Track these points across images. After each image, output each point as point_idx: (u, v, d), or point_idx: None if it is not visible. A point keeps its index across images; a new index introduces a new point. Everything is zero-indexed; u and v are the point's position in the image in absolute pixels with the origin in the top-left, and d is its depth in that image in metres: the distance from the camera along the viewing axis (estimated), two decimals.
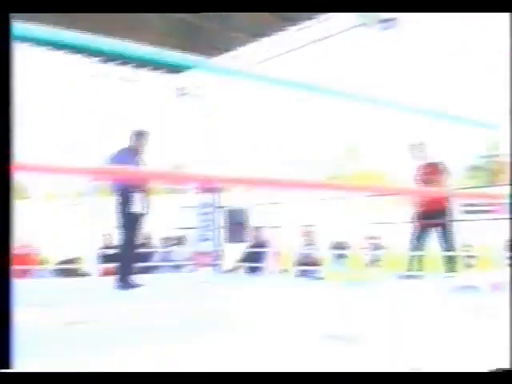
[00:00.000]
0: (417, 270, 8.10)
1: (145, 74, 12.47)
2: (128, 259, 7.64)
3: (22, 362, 1.55)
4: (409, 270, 8.24)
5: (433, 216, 8.16)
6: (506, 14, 2.46)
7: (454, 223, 8.33)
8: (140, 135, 7.81)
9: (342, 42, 10.95)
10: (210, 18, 9.71)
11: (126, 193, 7.46)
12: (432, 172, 8.23)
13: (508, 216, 3.04)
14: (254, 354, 3.36)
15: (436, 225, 8.26)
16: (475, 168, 66.05)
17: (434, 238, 8.32)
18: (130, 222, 7.52)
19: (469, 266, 12.63)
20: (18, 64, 1.53)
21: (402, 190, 5.43)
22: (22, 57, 9.98)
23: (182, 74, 12.86)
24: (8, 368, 1.44)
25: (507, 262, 12.40)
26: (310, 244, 10.62)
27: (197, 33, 10.10)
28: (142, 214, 7.60)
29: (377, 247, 21.63)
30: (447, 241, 8.28)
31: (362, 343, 3.57)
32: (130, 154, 7.61)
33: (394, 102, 2.67)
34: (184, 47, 10.57)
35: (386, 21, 8.62)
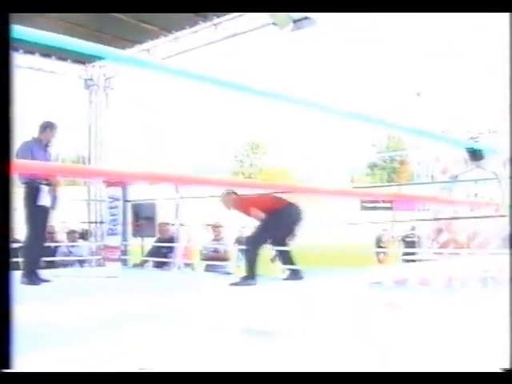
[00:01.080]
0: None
1: (52, 63, 12.18)
2: (34, 253, 7.49)
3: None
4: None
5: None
6: (506, 14, 2.50)
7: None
8: (47, 127, 7.64)
9: (252, 41, 11.05)
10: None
11: (32, 186, 7.30)
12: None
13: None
14: (166, 351, 3.40)
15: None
16: (374, 166, 67.72)
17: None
18: (37, 215, 7.36)
19: (380, 261, 13.03)
20: None
21: (310, 189, 5.55)
22: None
23: (89, 65, 12.65)
24: (8, 368, 1.44)
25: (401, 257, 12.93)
26: (217, 239, 10.72)
27: (107, 23, 9.96)
28: (48, 208, 7.46)
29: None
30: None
31: (278, 339, 3.67)
32: (37, 147, 7.45)
33: (304, 100, 2.73)
34: (93, 37, 10.43)
35: (300, 20, 8.71)
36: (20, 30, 1.70)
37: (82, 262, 11.46)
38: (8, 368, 1.44)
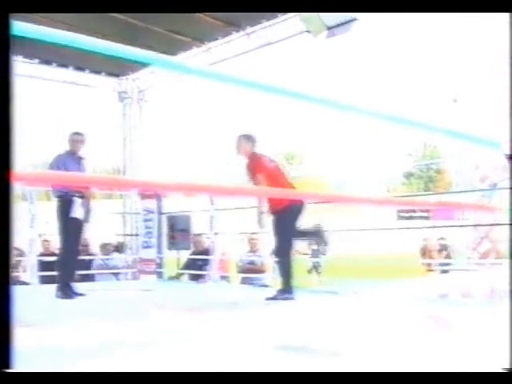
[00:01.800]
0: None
1: (85, 76, 12.23)
2: (68, 267, 7.43)
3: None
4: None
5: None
6: (506, 14, 2.48)
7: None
8: (75, 138, 7.57)
9: (286, 49, 10.96)
10: (154, 21, 9.57)
11: (65, 198, 7.25)
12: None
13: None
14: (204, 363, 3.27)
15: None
16: (411, 175, 67.15)
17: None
18: (70, 228, 7.30)
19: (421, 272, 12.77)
20: None
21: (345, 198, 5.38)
22: None
23: (123, 78, 12.67)
24: (8, 368, 1.45)
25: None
26: (254, 251, 10.56)
27: (137, 34, 9.95)
28: (82, 220, 7.39)
29: (318, 253, 21.82)
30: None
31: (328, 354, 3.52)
32: (70, 159, 7.39)
33: (353, 105, 2.63)
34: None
35: (334, 27, 8.58)
36: (75, 36, 1.68)
37: (117, 275, 11.40)
38: (8, 368, 1.45)
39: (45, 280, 9.79)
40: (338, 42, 9.42)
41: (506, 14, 2.49)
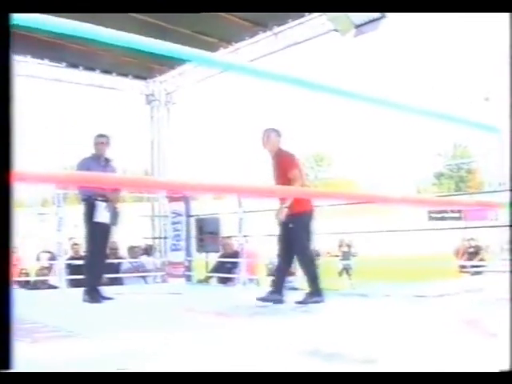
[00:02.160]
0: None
1: (113, 79, 12.24)
2: (95, 271, 7.37)
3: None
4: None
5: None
6: (506, 14, 2.50)
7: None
8: (99, 140, 7.48)
9: (313, 48, 10.86)
10: (180, 22, 9.53)
11: (90, 202, 7.18)
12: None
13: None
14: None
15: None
16: (441, 175, 66.58)
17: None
18: (95, 232, 7.23)
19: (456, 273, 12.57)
20: None
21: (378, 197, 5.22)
22: None
23: (150, 81, 12.66)
24: (8, 368, 1.45)
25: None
26: None
27: (163, 36, 9.91)
28: (108, 224, 7.32)
29: (348, 256, 21.69)
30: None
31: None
32: (95, 162, 7.33)
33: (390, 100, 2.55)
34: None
35: (362, 25, 8.45)
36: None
37: (145, 278, 11.36)
38: (8, 368, 1.45)
39: (74, 284, 9.78)
40: (366, 40, 9.31)
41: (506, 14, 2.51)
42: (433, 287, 8.37)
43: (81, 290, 7.39)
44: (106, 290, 7.48)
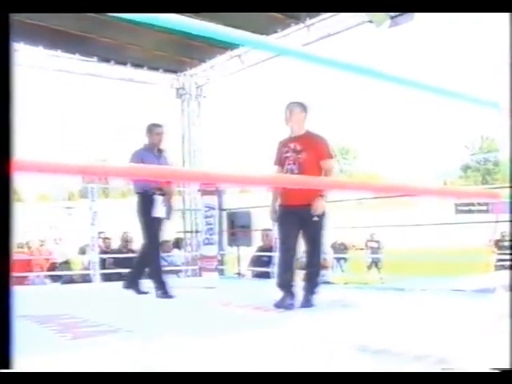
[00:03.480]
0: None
1: (143, 73, 12.22)
2: (145, 264, 7.27)
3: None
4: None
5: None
6: (506, 14, 2.47)
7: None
8: (152, 129, 7.19)
9: (347, 40, 10.75)
10: (211, 16, 9.47)
11: (146, 196, 7.00)
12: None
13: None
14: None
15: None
16: (468, 168, 66.07)
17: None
18: (155, 226, 7.06)
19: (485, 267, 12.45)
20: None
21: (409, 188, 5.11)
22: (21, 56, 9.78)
23: (181, 74, 12.62)
24: (8, 368, 1.45)
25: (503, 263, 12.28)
26: None
27: None
28: (163, 218, 7.14)
29: (377, 249, 21.55)
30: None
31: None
32: (148, 154, 7.06)
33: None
34: (182, 45, 10.44)
35: (397, 16, 8.33)
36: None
37: (177, 273, 11.36)
38: (8, 368, 1.45)
39: (106, 278, 9.81)
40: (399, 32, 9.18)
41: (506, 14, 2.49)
42: (468, 281, 8.27)
43: (115, 284, 7.37)
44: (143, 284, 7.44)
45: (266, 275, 9.49)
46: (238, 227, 10.66)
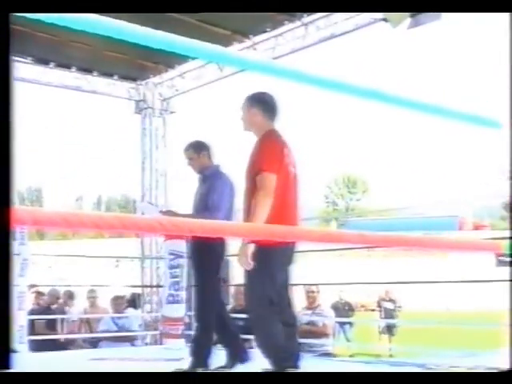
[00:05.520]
0: None
1: (93, 80, 12.28)
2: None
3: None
4: None
5: None
6: (506, 14, 2.73)
7: None
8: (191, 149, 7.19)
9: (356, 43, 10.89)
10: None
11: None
12: None
13: None
14: None
15: None
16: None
17: None
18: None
19: None
20: None
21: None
22: None
23: (142, 83, 12.68)
24: (8, 368, 1.60)
25: None
26: (312, 308, 10.36)
27: (161, 26, 9.94)
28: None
29: (391, 312, 21.56)
30: None
31: None
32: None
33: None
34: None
35: (419, 14, 8.48)
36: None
37: (133, 340, 11.34)
38: (8, 368, 1.61)
39: (37, 346, 9.59)
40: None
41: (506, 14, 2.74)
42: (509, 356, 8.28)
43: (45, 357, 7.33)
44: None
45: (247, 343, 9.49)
46: None
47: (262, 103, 5.74)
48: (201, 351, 6.77)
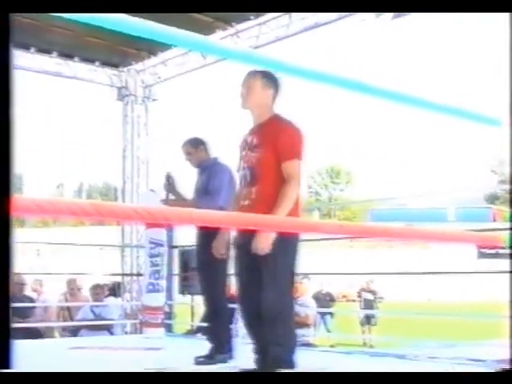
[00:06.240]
0: None
1: (75, 66, 12.24)
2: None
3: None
4: None
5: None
6: (506, 14, 2.73)
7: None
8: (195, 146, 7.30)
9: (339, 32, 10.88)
10: None
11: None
12: None
13: None
14: None
15: None
16: (495, 199, 66.59)
17: None
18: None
19: None
20: None
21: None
22: None
23: (124, 69, 12.64)
24: (8, 368, 1.62)
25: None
26: (295, 298, 10.39)
27: (152, 17, 9.98)
28: None
29: (372, 302, 21.66)
30: None
31: None
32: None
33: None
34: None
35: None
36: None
37: (111, 328, 11.32)
38: (8, 368, 1.63)
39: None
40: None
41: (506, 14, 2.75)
42: (491, 347, 8.30)
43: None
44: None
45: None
46: (192, 270, 10.64)
47: (277, 86, 5.47)
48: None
